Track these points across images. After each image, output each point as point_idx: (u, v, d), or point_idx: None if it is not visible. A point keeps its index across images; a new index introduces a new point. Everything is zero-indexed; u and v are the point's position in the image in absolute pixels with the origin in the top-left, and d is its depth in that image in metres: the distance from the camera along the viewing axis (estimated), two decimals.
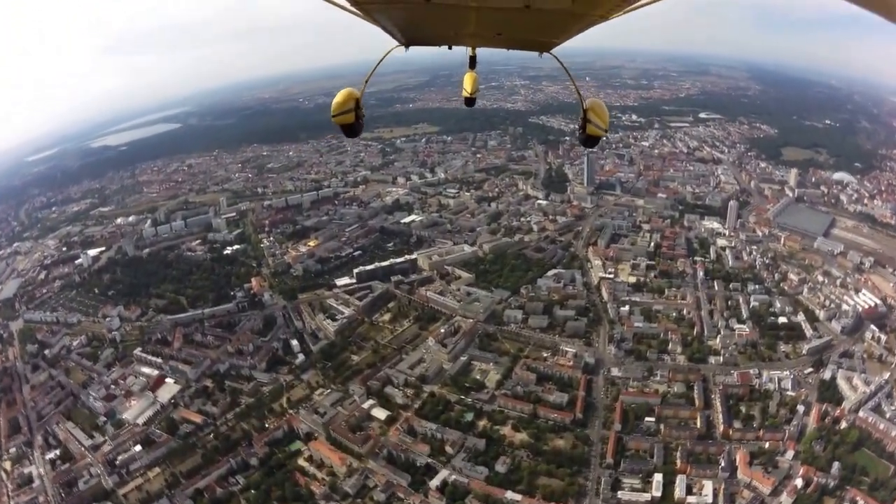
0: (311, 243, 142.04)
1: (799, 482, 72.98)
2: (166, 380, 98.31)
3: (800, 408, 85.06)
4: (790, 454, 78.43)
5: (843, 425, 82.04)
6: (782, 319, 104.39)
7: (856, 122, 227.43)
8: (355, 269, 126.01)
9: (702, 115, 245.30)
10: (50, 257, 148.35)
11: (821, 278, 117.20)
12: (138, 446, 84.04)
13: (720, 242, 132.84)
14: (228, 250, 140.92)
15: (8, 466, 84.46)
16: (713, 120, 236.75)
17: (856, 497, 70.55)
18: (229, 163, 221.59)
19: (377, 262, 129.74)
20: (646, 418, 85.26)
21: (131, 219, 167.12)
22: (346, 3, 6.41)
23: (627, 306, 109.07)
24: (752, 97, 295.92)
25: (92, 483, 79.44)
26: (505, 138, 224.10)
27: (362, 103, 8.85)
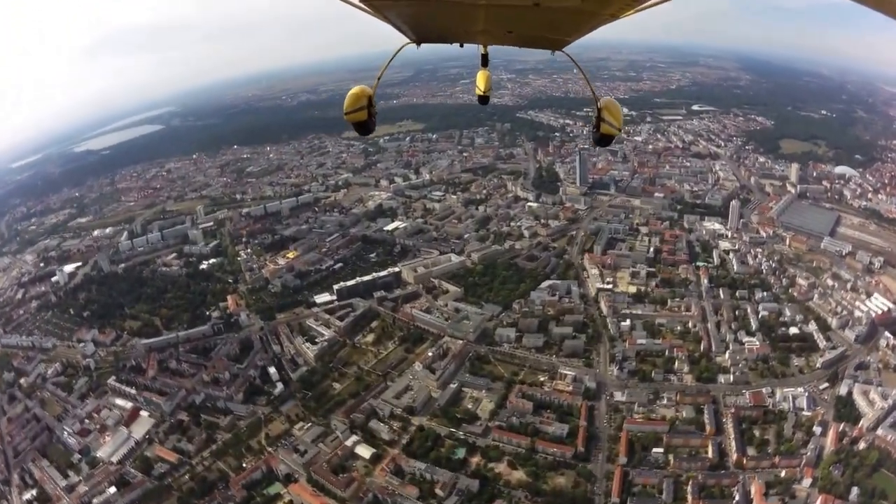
0: (290, 255, 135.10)
1: None
2: (141, 413, 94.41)
3: (816, 429, 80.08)
4: (807, 482, 73.20)
5: (862, 446, 77.35)
6: (793, 330, 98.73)
7: (852, 113, 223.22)
8: (335, 286, 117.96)
9: (694, 107, 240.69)
10: (28, 274, 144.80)
11: (830, 282, 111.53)
12: (113, 488, 79.85)
13: (723, 245, 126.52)
14: (205, 264, 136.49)
15: None
16: (707, 112, 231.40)
17: None
18: (209, 167, 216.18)
19: (359, 275, 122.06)
20: (653, 449, 78.88)
21: (108, 230, 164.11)
22: (358, 0, 6.46)
23: (628, 320, 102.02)
24: (745, 87, 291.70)
25: None
26: (492, 135, 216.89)
27: (374, 100, 8.68)
